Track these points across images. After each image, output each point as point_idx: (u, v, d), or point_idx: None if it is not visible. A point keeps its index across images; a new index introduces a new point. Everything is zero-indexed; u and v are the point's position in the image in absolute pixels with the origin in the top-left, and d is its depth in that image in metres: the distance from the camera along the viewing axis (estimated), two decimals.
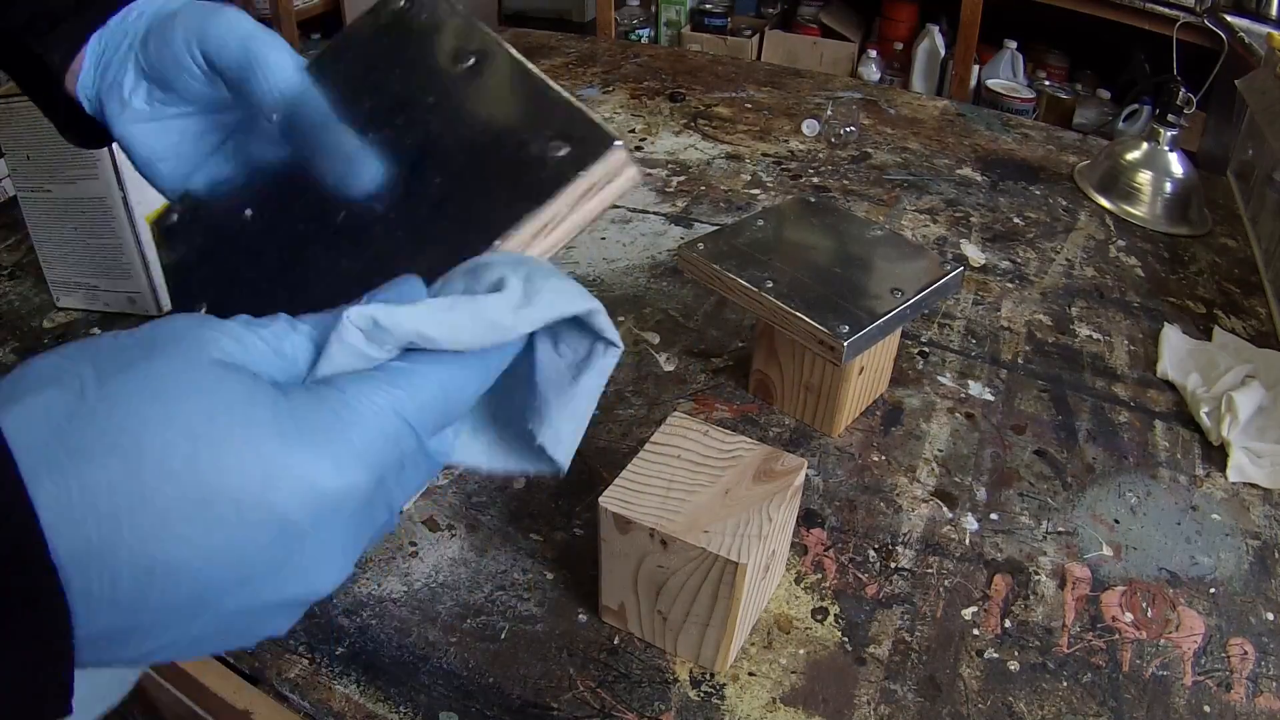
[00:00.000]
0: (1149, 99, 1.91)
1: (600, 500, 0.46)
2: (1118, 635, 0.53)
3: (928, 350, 0.76)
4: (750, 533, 0.45)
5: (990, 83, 2.22)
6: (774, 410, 0.68)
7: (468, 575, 0.54)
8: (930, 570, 0.56)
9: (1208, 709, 0.49)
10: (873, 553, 0.57)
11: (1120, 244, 0.95)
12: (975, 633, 0.52)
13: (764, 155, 1.08)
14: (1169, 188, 1.00)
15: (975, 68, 2.32)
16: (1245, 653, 0.52)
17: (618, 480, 0.47)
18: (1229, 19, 1.62)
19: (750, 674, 0.49)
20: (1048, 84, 2.33)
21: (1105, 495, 0.63)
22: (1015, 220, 0.98)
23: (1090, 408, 0.71)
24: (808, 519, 0.59)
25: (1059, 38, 2.42)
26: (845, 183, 1.03)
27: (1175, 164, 1.00)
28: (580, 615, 0.52)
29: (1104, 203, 1.03)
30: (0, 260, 0.80)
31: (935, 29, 2.43)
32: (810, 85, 1.32)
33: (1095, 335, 0.80)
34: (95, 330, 0.73)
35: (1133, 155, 1.02)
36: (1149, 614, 0.54)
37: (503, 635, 0.50)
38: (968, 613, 0.54)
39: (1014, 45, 2.33)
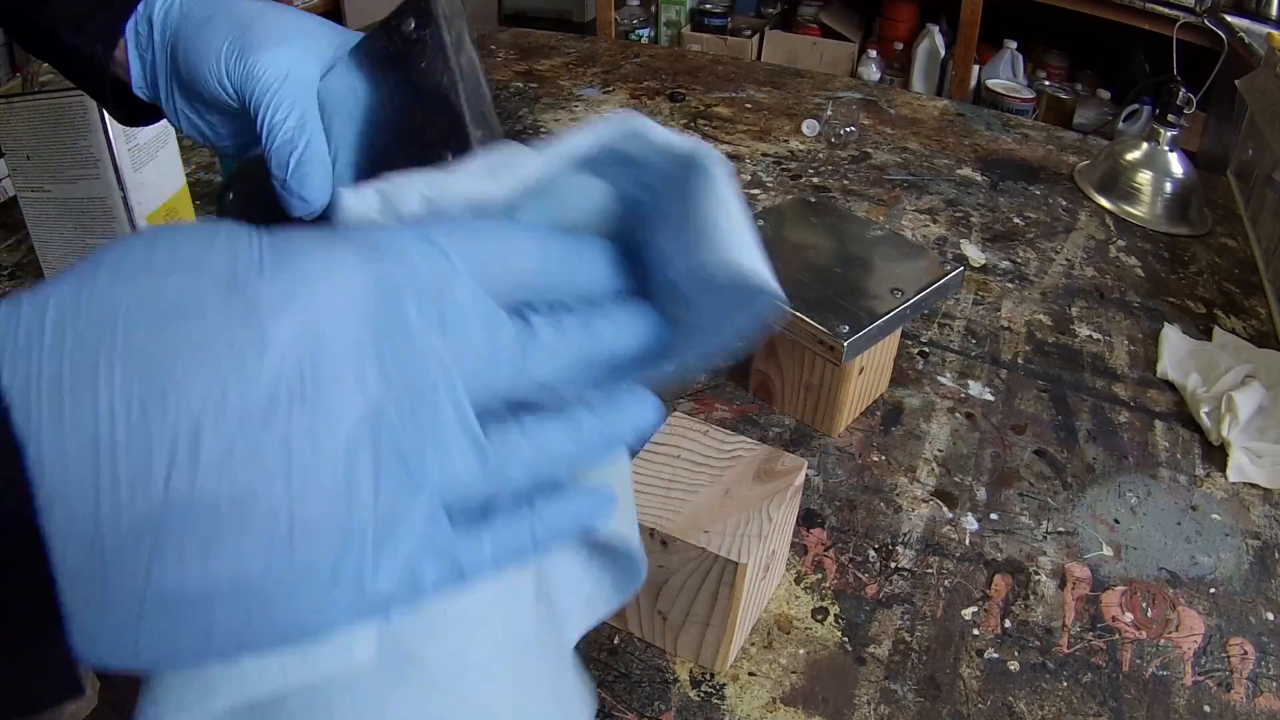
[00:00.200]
0: (1149, 99, 1.91)
1: None
2: (1118, 635, 0.53)
3: (928, 350, 0.76)
4: (750, 533, 0.45)
5: (990, 83, 2.22)
6: (774, 410, 0.68)
7: None
8: (930, 570, 0.56)
9: (1208, 709, 0.49)
10: (873, 553, 0.57)
11: (1120, 244, 0.95)
12: (975, 633, 0.52)
13: (764, 155, 1.08)
14: (1169, 188, 1.00)
15: (975, 68, 2.32)
16: (1245, 653, 0.52)
17: None
18: (1229, 19, 1.62)
19: (750, 674, 0.49)
20: (1048, 84, 2.33)
21: (1105, 495, 0.63)
22: (1015, 220, 0.98)
23: (1090, 408, 0.71)
24: (808, 519, 0.59)
25: (1059, 38, 2.42)
26: (845, 183, 1.03)
27: (1175, 164, 1.00)
28: None
29: (1104, 203, 1.03)
30: (0, 260, 0.80)
31: (935, 29, 2.43)
32: (810, 85, 1.32)
33: (1095, 335, 0.80)
34: None
35: (1133, 155, 1.02)
36: (1149, 614, 0.54)
37: None
38: (968, 613, 0.54)
39: (1014, 45, 2.33)
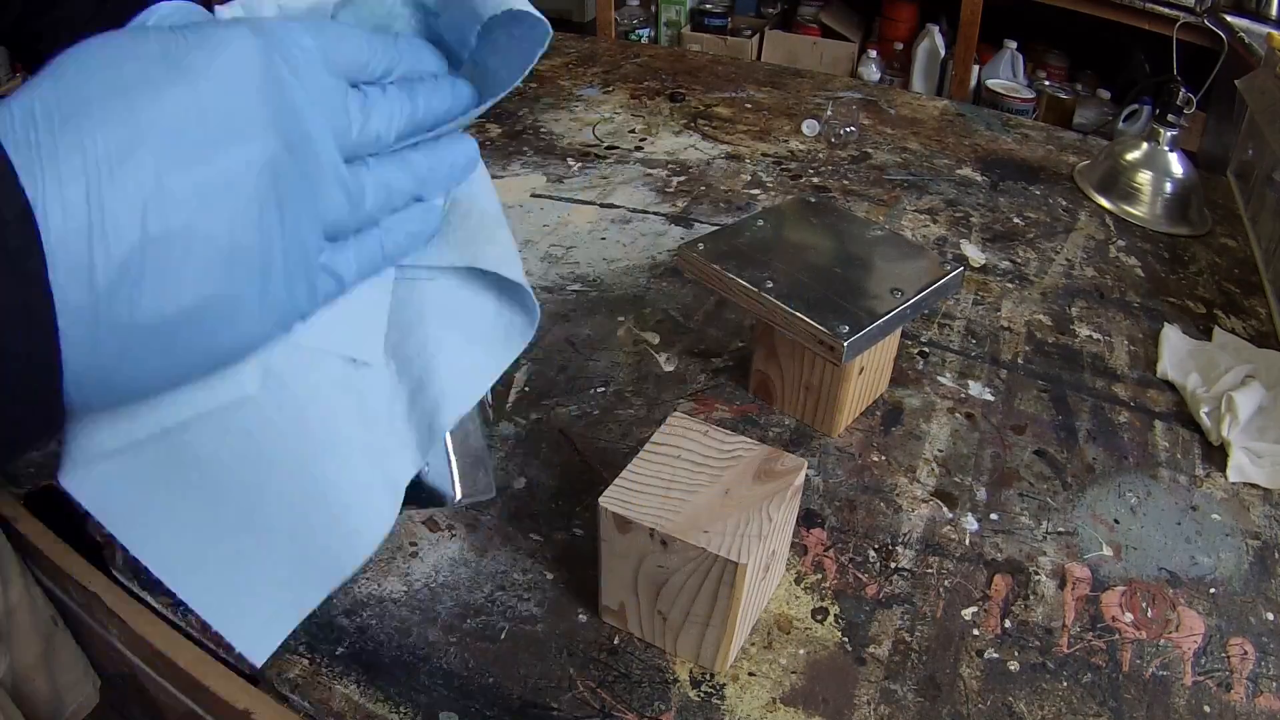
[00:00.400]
0: (1149, 99, 1.91)
1: (600, 500, 0.46)
2: (1118, 635, 0.53)
3: (928, 350, 0.76)
4: (750, 533, 0.45)
5: (990, 83, 2.22)
6: (774, 410, 0.68)
7: (468, 575, 0.54)
8: (930, 570, 0.56)
9: (1208, 709, 0.49)
10: (873, 553, 0.57)
11: (1120, 244, 0.95)
12: (975, 633, 0.52)
13: (764, 155, 1.08)
14: (1169, 188, 1.00)
15: (975, 68, 2.32)
16: (1245, 653, 0.52)
17: (618, 480, 0.47)
18: (1229, 19, 1.62)
19: (750, 674, 0.49)
20: (1048, 84, 2.33)
21: (1105, 495, 0.63)
22: (1015, 220, 0.98)
23: (1090, 408, 0.71)
24: (808, 519, 0.59)
25: (1059, 38, 2.42)
26: (845, 183, 1.03)
27: (1175, 164, 1.00)
28: (580, 615, 0.52)
29: (1104, 203, 1.03)
30: None
31: (935, 29, 2.43)
32: (810, 85, 1.32)
33: (1095, 335, 0.80)
34: None
35: (1133, 155, 1.02)
36: (1149, 614, 0.54)
37: (503, 635, 0.50)
38: (968, 613, 0.54)
39: (1014, 45, 2.33)
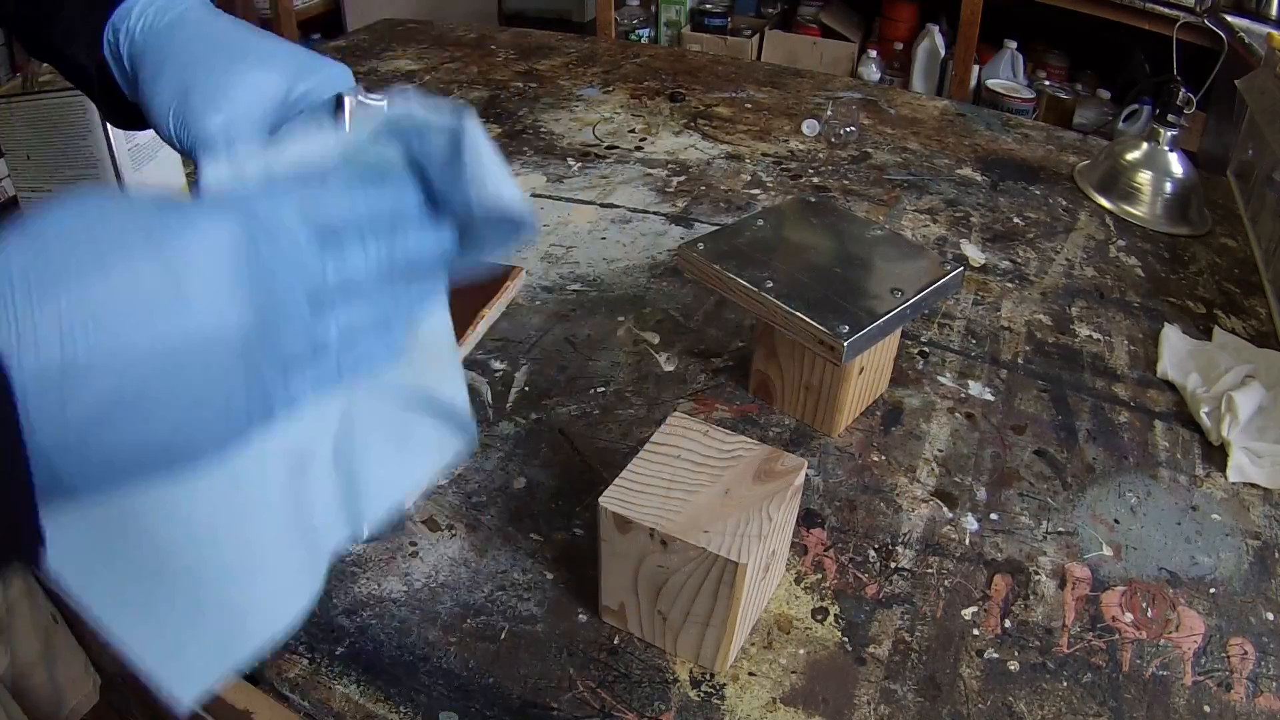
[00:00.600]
0: (1149, 99, 1.91)
1: (600, 500, 0.46)
2: (1118, 635, 0.53)
3: (928, 350, 0.76)
4: (750, 533, 0.45)
5: (990, 83, 2.22)
6: (774, 410, 0.68)
7: (468, 575, 0.54)
8: (930, 570, 0.56)
9: (1208, 709, 0.49)
10: (873, 553, 0.57)
11: (1120, 244, 0.95)
12: (975, 633, 0.52)
13: (764, 155, 1.08)
14: (1169, 188, 1.00)
15: (975, 68, 2.31)
16: (1245, 653, 0.52)
17: (618, 480, 0.47)
18: (1229, 19, 1.62)
19: (750, 674, 0.49)
20: (1048, 84, 2.33)
21: (1105, 495, 0.63)
22: (1015, 220, 0.98)
23: (1090, 408, 0.71)
24: (808, 519, 0.59)
25: (1059, 38, 2.42)
26: (845, 183, 1.03)
27: (1175, 164, 1.00)
28: (580, 615, 0.52)
29: (1104, 203, 1.03)
30: None
31: (935, 29, 2.43)
32: (810, 85, 1.32)
33: (1095, 335, 0.80)
34: None
35: (1133, 155, 1.02)
36: (1149, 614, 0.54)
37: (503, 635, 0.50)
38: (968, 613, 0.54)
39: (1014, 45, 2.32)
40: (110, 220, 0.27)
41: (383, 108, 0.39)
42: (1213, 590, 0.56)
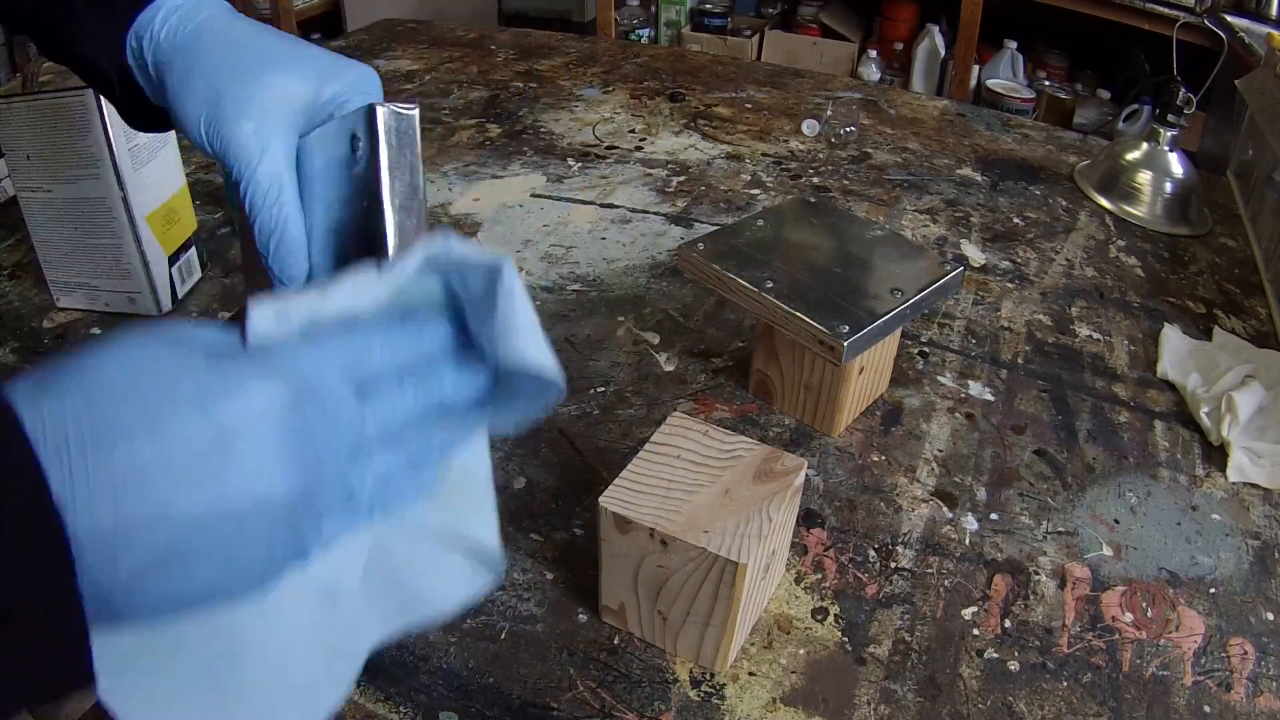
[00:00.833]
0: (1149, 99, 1.91)
1: (600, 500, 0.46)
2: (1118, 635, 0.53)
3: (928, 350, 0.76)
4: (750, 533, 0.45)
5: (990, 83, 2.22)
6: (774, 410, 0.68)
7: None
8: (930, 570, 0.56)
9: (1208, 709, 0.49)
10: (873, 553, 0.57)
11: (1120, 244, 0.95)
12: (975, 633, 0.52)
13: (764, 155, 1.08)
14: (1169, 188, 1.00)
15: (975, 68, 2.32)
16: (1245, 653, 0.52)
17: (618, 480, 0.47)
18: (1229, 19, 1.62)
19: (750, 674, 0.49)
20: (1048, 84, 2.33)
21: (1105, 495, 0.63)
22: (1015, 220, 0.98)
23: (1090, 408, 0.71)
24: (808, 519, 0.59)
25: (1059, 38, 2.42)
26: (845, 183, 1.03)
27: (1175, 164, 1.00)
28: (580, 615, 0.52)
29: (1104, 203, 1.03)
30: (0, 260, 0.80)
31: (935, 29, 2.43)
32: (810, 85, 1.32)
33: (1095, 335, 0.80)
34: (95, 330, 0.73)
35: (1133, 155, 1.02)
36: (1149, 614, 0.54)
37: (502, 635, 0.50)
38: (968, 613, 0.54)
39: (1014, 45, 2.33)
40: (161, 371, 0.27)
41: (414, 117, 0.39)
42: (1213, 590, 0.56)
